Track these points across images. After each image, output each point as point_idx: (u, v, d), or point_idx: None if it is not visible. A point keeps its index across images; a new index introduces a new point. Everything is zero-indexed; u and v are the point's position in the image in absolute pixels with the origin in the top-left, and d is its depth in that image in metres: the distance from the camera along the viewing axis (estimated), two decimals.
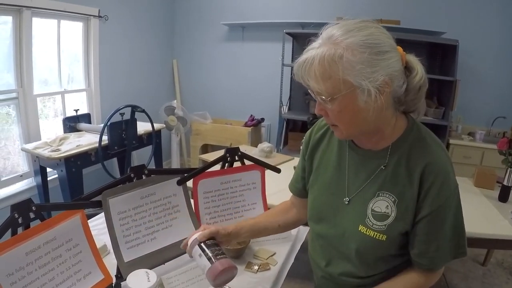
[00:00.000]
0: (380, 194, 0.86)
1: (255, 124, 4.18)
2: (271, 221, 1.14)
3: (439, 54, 3.68)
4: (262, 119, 4.28)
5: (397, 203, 0.84)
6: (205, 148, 4.39)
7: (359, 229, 0.88)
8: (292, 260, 1.33)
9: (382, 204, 0.86)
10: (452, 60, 3.28)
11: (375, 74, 0.73)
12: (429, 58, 3.74)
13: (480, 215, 1.88)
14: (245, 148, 3.14)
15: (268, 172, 1.46)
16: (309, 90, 0.81)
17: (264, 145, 2.84)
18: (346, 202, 0.92)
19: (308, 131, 1.08)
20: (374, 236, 0.86)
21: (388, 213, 0.85)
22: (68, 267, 1.01)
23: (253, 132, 4.09)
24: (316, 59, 0.74)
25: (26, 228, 0.94)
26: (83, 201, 1.05)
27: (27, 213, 0.94)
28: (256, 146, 2.91)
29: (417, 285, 0.88)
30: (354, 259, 0.91)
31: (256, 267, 1.21)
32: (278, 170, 1.50)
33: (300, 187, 1.12)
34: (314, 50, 0.76)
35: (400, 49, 0.81)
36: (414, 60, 0.83)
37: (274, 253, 1.31)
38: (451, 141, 3.45)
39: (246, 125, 4.20)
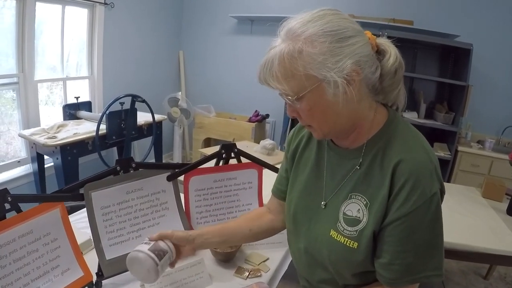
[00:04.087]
0: (353, 196, 0.79)
1: (259, 119, 4.09)
2: (242, 226, 1.05)
3: (451, 58, 3.56)
4: (267, 115, 4.20)
5: (369, 206, 0.76)
6: (208, 142, 4.33)
7: (330, 234, 0.81)
8: (285, 267, 1.26)
9: (354, 207, 0.78)
10: (464, 65, 3.18)
11: (339, 64, 0.68)
12: (441, 61, 3.65)
13: (487, 228, 1.79)
14: (247, 144, 3.08)
15: (266, 172, 1.39)
16: (279, 94, 0.75)
17: (267, 142, 2.76)
18: (323, 207, 0.85)
19: (292, 130, 1.02)
20: (345, 243, 0.78)
21: (359, 217, 0.77)
22: (45, 262, 0.97)
23: (257, 128, 4.01)
24: (275, 59, 0.70)
25: (1, 220, 0.89)
26: (64, 194, 0.99)
27: (2, 204, 0.89)
28: (259, 143, 2.84)
29: None
30: (330, 268, 0.83)
31: (246, 273, 1.14)
32: (276, 170, 1.42)
33: (282, 189, 1.04)
34: (273, 49, 0.71)
35: (368, 33, 0.75)
36: (385, 43, 0.77)
37: (267, 259, 1.24)
38: (460, 148, 3.36)
39: (250, 120, 4.12)
